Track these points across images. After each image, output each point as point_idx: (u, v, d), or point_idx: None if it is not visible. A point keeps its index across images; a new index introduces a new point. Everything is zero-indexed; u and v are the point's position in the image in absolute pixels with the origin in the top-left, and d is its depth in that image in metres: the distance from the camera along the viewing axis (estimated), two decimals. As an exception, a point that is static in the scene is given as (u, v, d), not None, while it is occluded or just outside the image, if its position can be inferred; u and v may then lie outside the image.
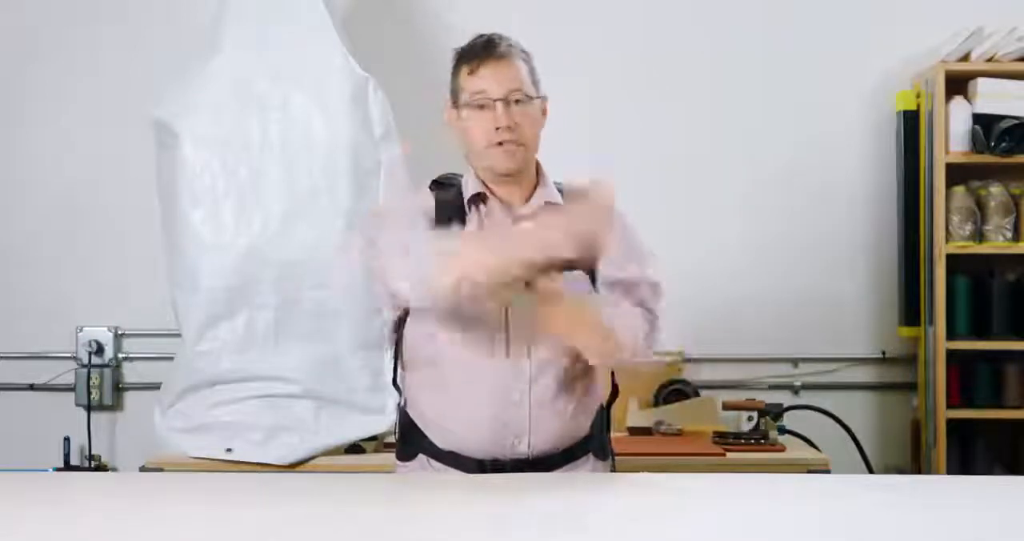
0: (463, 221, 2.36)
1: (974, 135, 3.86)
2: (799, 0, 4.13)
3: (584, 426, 2.38)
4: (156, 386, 3.77)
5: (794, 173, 4.11)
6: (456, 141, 2.42)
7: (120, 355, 4.18)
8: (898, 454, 4.08)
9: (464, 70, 2.35)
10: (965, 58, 3.89)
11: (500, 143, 2.31)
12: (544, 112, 2.40)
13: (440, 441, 2.36)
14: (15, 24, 4.22)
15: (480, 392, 2.31)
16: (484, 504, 2.05)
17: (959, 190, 3.90)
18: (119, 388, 4.19)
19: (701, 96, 4.13)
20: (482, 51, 2.34)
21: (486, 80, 2.32)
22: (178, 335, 3.59)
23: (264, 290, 3.44)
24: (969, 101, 3.90)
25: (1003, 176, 3.95)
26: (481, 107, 2.32)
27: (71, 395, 4.15)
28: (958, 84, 3.92)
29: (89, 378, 4.12)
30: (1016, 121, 3.81)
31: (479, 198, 2.38)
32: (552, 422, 2.32)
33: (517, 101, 2.32)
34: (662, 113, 4.13)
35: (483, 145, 2.33)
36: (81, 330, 4.15)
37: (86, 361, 4.13)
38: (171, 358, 3.69)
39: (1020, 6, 3.94)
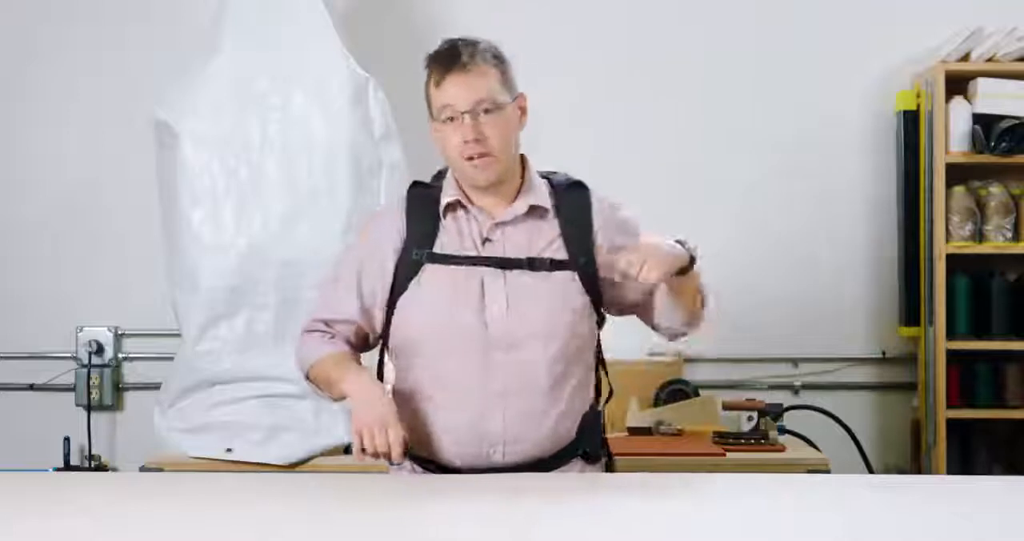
0: (436, 230, 2.34)
1: (974, 135, 3.86)
2: (800, 1, 4.13)
3: (568, 432, 2.35)
4: (156, 386, 3.77)
5: (794, 173, 4.11)
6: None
7: (120, 355, 4.18)
8: (898, 454, 4.08)
9: (432, 82, 2.32)
10: (965, 58, 3.89)
11: (471, 157, 2.28)
12: (523, 111, 2.36)
13: (420, 449, 2.35)
14: (15, 24, 4.22)
15: (455, 402, 2.30)
16: (484, 504, 2.05)
17: (959, 190, 3.90)
18: (119, 388, 4.19)
19: (701, 97, 4.12)
20: (446, 62, 2.30)
21: (450, 94, 2.28)
22: (178, 335, 3.59)
23: (264, 290, 3.44)
24: (969, 101, 3.90)
25: (1003, 176, 3.95)
26: (450, 119, 2.29)
27: (71, 395, 4.16)
28: (958, 84, 3.92)
29: (89, 378, 4.12)
30: (1016, 121, 3.81)
31: (456, 205, 2.36)
32: (529, 431, 2.30)
33: (486, 111, 2.28)
34: (663, 114, 4.12)
35: (456, 159, 2.31)
36: (81, 330, 4.15)
37: (86, 361, 4.13)
38: (171, 358, 3.69)
39: (1020, 6, 3.94)
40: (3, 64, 4.23)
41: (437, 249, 2.33)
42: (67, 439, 4.01)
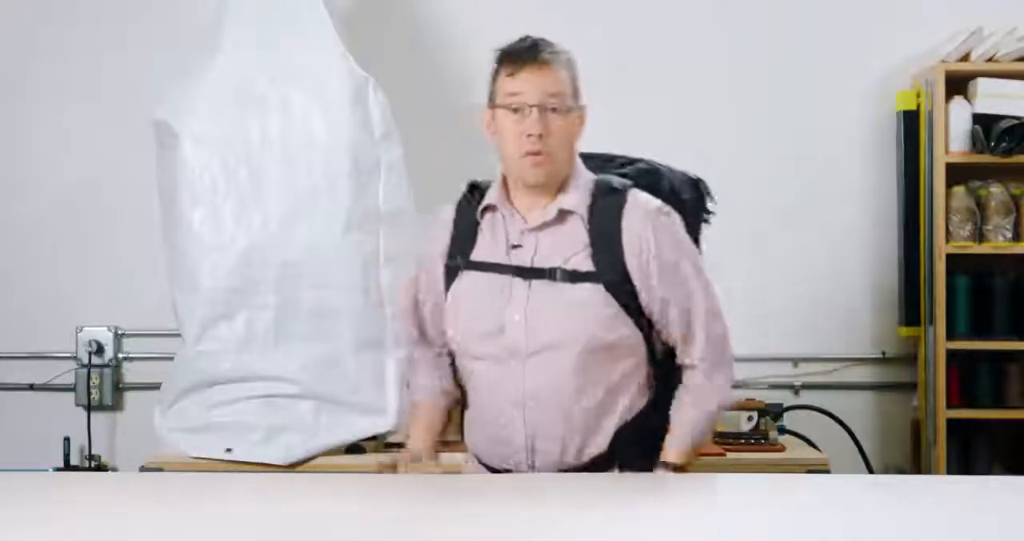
0: (476, 235, 2.38)
1: (974, 135, 3.86)
2: (800, 1, 4.13)
3: (598, 445, 2.33)
4: (156, 386, 3.77)
5: (794, 173, 4.11)
6: (492, 144, 2.39)
7: (120, 355, 4.18)
8: (898, 454, 4.08)
9: (504, 71, 2.31)
10: (965, 58, 3.89)
11: (531, 154, 2.28)
12: (582, 121, 2.37)
13: (469, 446, 2.46)
14: (15, 24, 4.22)
15: (483, 408, 2.37)
16: (484, 504, 2.05)
17: (959, 190, 3.89)
18: (119, 388, 4.19)
19: (702, 97, 4.12)
20: (524, 54, 2.30)
21: (523, 84, 2.28)
22: (178, 335, 3.59)
23: (264, 290, 3.44)
24: (969, 101, 3.90)
25: (1003, 176, 3.95)
26: (516, 111, 2.28)
27: (71, 395, 4.15)
28: (958, 84, 3.92)
29: (89, 378, 4.12)
30: (1016, 121, 3.81)
31: (492, 208, 2.38)
32: (550, 441, 2.31)
33: (554, 109, 2.28)
34: (663, 114, 4.12)
35: (514, 154, 2.30)
36: (81, 330, 4.15)
37: (86, 361, 4.13)
38: (171, 358, 3.69)
39: (1020, 6, 3.94)
40: (3, 64, 4.23)
41: (474, 255, 2.36)
42: (67, 439, 4.01)
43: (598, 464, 2.33)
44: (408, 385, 2.65)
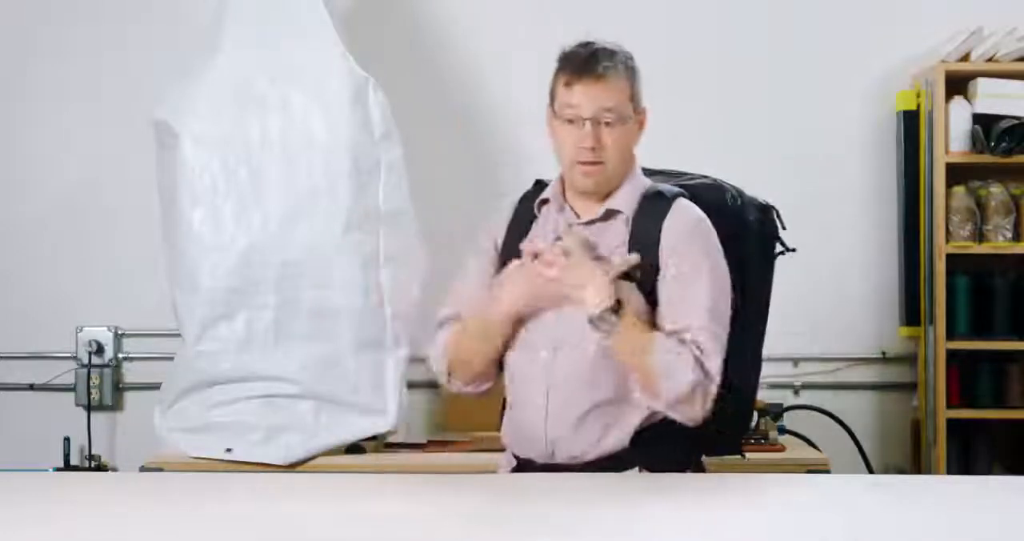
0: (530, 226, 2.41)
1: (974, 135, 3.86)
2: (800, 1, 4.13)
3: (617, 442, 2.33)
4: (156, 386, 3.77)
5: (794, 173, 4.10)
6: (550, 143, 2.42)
7: (120, 355, 4.18)
8: (898, 454, 4.08)
9: (561, 78, 2.34)
10: (965, 58, 3.89)
11: (583, 163, 2.31)
12: (641, 125, 2.41)
13: (504, 439, 2.46)
14: (15, 24, 4.22)
15: (515, 398, 2.38)
16: (483, 504, 2.05)
17: (959, 190, 3.90)
18: (119, 388, 4.19)
19: (702, 96, 4.12)
20: (581, 66, 2.32)
21: (579, 97, 2.31)
22: (178, 335, 3.59)
23: (264, 290, 3.44)
24: (969, 101, 3.90)
25: (1003, 176, 3.95)
26: (571, 121, 2.32)
27: (71, 395, 4.15)
28: (958, 84, 3.92)
29: (89, 378, 4.12)
30: (1016, 121, 3.81)
31: (547, 202, 2.42)
32: (567, 433, 2.31)
33: (607, 123, 2.32)
34: (663, 114, 4.09)
35: (568, 160, 2.34)
36: (81, 330, 4.15)
37: (86, 361, 4.13)
38: (171, 358, 3.69)
39: (1020, 6, 3.94)
40: (3, 64, 4.23)
41: (523, 245, 2.37)
42: (67, 439, 4.01)
43: (617, 460, 2.33)
44: None
